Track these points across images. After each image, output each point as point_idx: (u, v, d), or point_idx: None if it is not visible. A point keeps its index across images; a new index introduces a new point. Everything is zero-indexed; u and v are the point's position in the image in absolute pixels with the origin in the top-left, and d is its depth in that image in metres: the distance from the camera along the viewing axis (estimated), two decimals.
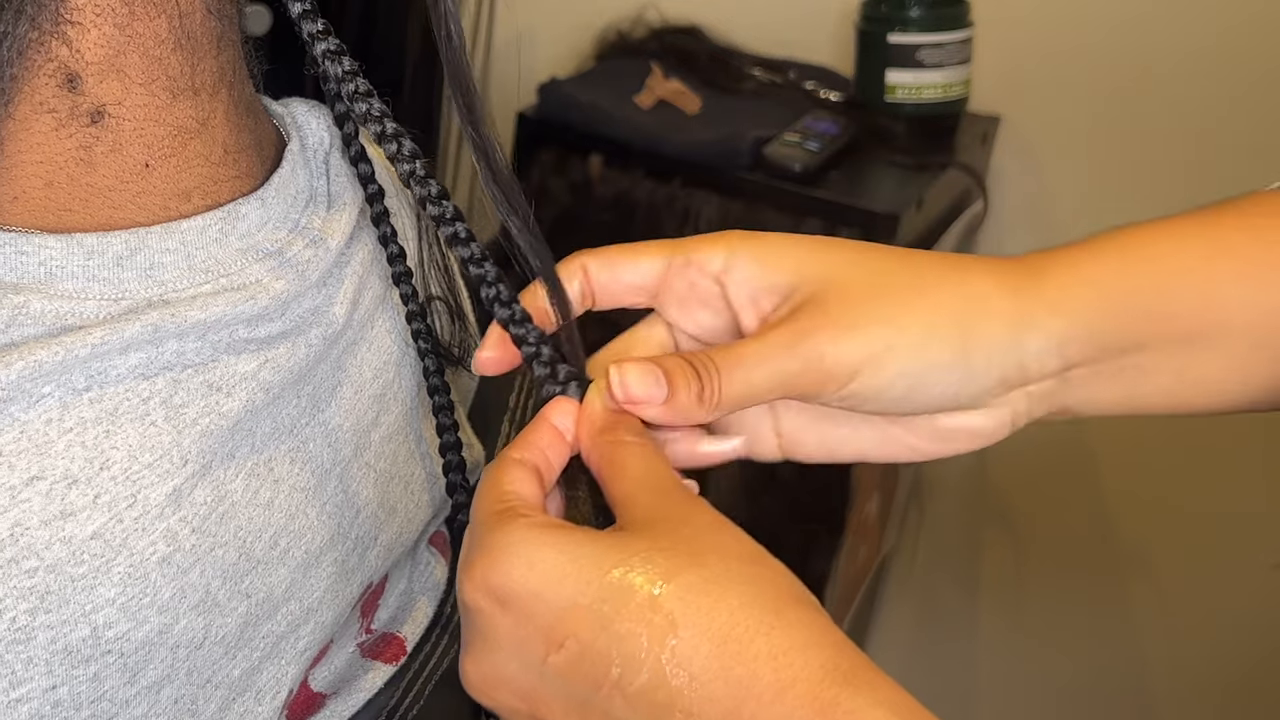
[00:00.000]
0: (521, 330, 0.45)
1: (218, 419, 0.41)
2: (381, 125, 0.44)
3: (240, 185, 0.45)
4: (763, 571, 0.39)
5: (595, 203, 1.27)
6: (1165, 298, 0.47)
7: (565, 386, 0.45)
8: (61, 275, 0.40)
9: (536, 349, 0.45)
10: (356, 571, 0.49)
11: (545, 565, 0.38)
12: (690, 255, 0.47)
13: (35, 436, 0.37)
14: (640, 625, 0.37)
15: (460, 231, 0.45)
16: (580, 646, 0.37)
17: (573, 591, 0.38)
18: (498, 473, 0.42)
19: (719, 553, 0.38)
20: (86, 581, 0.38)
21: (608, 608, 0.37)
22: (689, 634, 0.36)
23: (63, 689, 0.38)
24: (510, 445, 0.44)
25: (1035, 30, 1.33)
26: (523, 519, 0.40)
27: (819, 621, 0.38)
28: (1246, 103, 1.25)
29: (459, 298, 0.58)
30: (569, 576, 0.38)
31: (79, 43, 0.40)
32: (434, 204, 0.45)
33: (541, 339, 0.45)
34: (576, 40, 1.45)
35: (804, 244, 0.47)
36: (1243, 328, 0.47)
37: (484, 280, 0.45)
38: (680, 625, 0.36)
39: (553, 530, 0.39)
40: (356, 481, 0.49)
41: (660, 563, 0.37)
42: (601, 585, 0.37)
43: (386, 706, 0.52)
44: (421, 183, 0.45)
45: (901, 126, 1.29)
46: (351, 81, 0.44)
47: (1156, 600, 1.46)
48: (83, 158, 0.41)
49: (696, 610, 0.37)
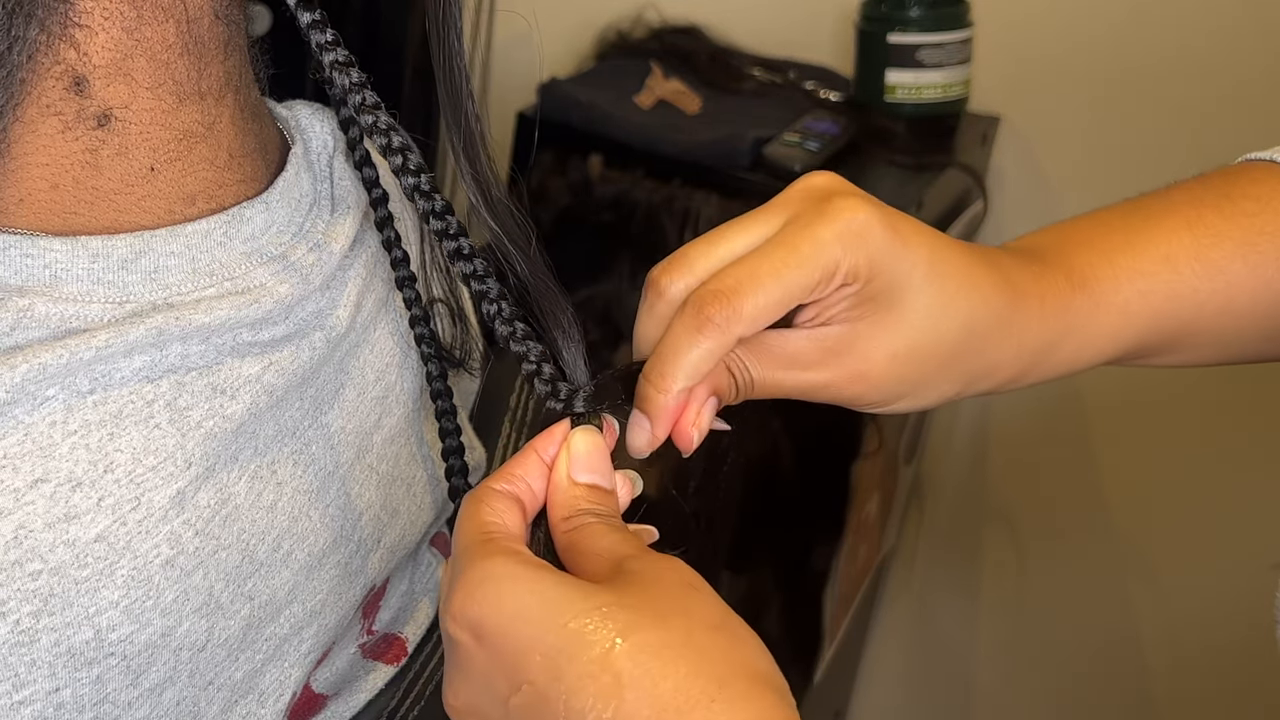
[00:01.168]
0: (523, 347, 0.46)
1: (222, 422, 0.41)
2: (388, 138, 0.45)
3: (244, 189, 0.45)
4: (721, 640, 0.38)
5: (595, 203, 1.27)
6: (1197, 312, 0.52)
7: (566, 404, 0.45)
8: (66, 278, 0.40)
9: (537, 366, 0.45)
10: (359, 573, 0.49)
11: (516, 604, 0.38)
12: (836, 273, 0.46)
13: (39, 439, 0.37)
14: (590, 681, 0.37)
15: (464, 247, 0.45)
16: (535, 693, 0.37)
17: (535, 635, 0.38)
18: (479, 503, 0.42)
19: (684, 615, 0.38)
20: (90, 584, 0.38)
21: (563, 659, 0.37)
22: (633, 697, 0.36)
23: (66, 691, 0.38)
24: (493, 475, 0.44)
25: (1035, 30, 1.33)
26: (500, 554, 0.40)
27: (766, 699, 0.37)
28: (1246, 102, 1.25)
29: (460, 300, 0.58)
30: (534, 620, 0.38)
31: (87, 46, 0.40)
32: (438, 219, 0.45)
33: (542, 357, 0.46)
34: (576, 40, 1.45)
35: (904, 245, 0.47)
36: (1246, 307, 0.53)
37: (485, 296, 0.45)
38: (626, 687, 0.36)
39: (528, 568, 0.39)
40: (359, 484, 0.49)
41: (620, 618, 0.37)
42: (561, 633, 0.37)
43: (387, 707, 0.52)
44: (426, 197, 0.45)
45: (901, 126, 1.28)
46: (359, 93, 0.44)
47: (1156, 600, 1.46)
48: (89, 161, 0.41)
49: (645, 674, 0.36)
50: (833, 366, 0.47)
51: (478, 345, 0.60)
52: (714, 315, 0.44)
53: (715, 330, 0.44)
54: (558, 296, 0.46)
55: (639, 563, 0.40)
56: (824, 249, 0.45)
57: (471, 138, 0.45)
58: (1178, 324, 0.52)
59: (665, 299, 0.46)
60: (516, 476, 0.44)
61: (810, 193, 0.47)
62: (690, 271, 0.46)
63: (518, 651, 0.38)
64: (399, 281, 0.51)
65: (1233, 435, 1.33)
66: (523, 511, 0.43)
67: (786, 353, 0.47)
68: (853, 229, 0.45)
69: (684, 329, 0.44)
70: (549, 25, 0.49)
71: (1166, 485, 1.41)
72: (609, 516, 0.43)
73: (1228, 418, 1.30)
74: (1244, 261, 0.52)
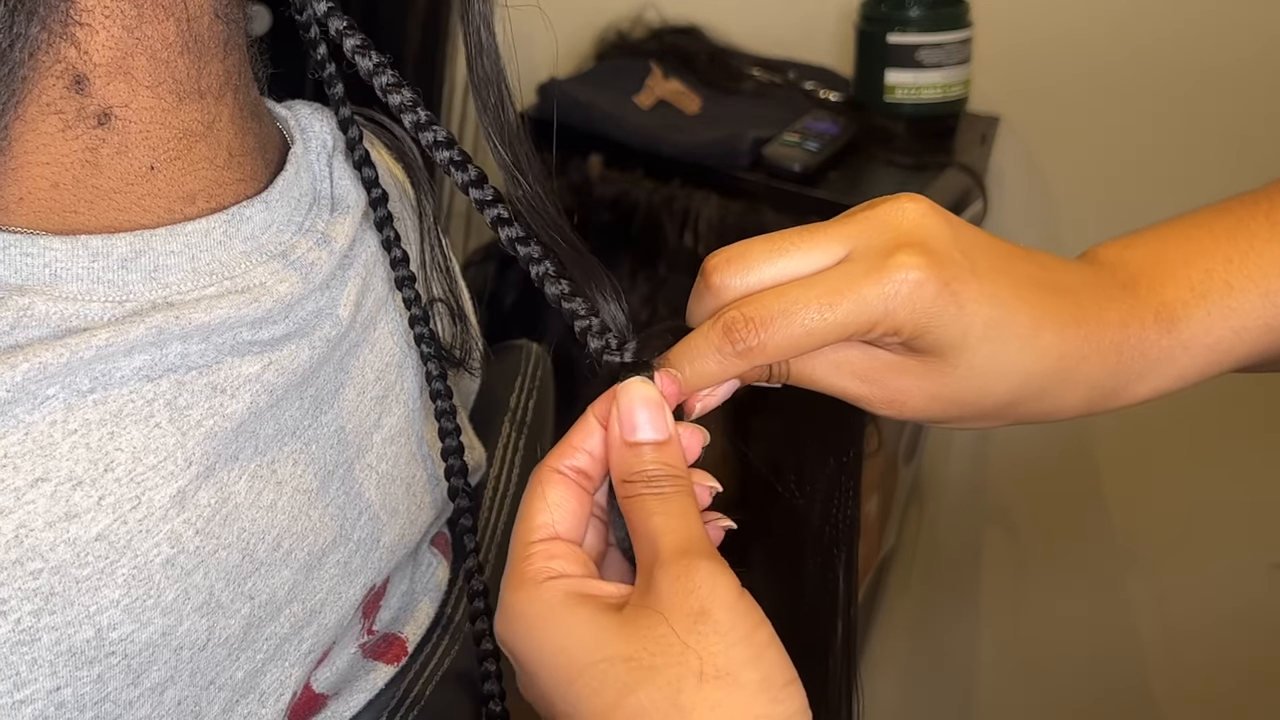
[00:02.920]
0: (574, 304, 0.46)
1: (222, 421, 0.41)
2: (416, 114, 0.46)
3: (244, 188, 0.45)
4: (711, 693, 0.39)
5: (595, 203, 1.26)
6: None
7: (620, 353, 0.46)
8: (66, 277, 0.40)
9: (589, 321, 0.46)
10: (359, 573, 0.49)
11: (537, 645, 0.41)
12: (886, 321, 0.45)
13: (40, 438, 0.37)
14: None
15: (503, 213, 0.46)
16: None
17: (550, 684, 0.41)
18: (538, 496, 0.44)
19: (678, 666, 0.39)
20: (91, 583, 0.38)
21: (574, 712, 0.40)
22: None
23: (67, 690, 0.38)
24: (554, 450, 0.45)
25: (1035, 30, 1.33)
26: (526, 586, 0.42)
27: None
28: (1246, 102, 1.25)
29: (460, 299, 0.58)
30: (549, 668, 0.41)
31: (87, 44, 0.40)
32: (476, 188, 0.46)
33: (592, 311, 0.46)
34: (576, 40, 1.45)
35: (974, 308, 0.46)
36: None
37: (531, 259, 0.46)
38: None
39: (546, 609, 0.41)
40: (359, 483, 0.49)
41: (617, 677, 0.39)
42: (569, 689, 0.40)
43: (387, 707, 0.52)
44: (461, 167, 0.46)
45: (901, 126, 1.28)
46: (383, 74, 0.45)
47: (1156, 600, 1.46)
48: (89, 159, 0.41)
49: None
50: (872, 384, 0.47)
51: (477, 345, 0.60)
52: (738, 341, 0.44)
53: (736, 356, 0.45)
54: (593, 261, 0.46)
55: (661, 577, 0.41)
56: (866, 307, 0.44)
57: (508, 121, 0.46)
58: (1275, 349, 0.50)
59: (714, 293, 0.46)
60: (575, 448, 0.45)
61: (885, 230, 0.45)
62: (746, 272, 0.45)
63: (542, 692, 0.41)
64: (399, 281, 0.51)
65: (1233, 435, 1.33)
66: (582, 490, 0.45)
67: (833, 356, 0.47)
68: (902, 292, 0.44)
69: (707, 342, 0.45)
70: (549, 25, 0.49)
71: (1166, 485, 1.41)
72: (660, 482, 0.43)
73: (1228, 418, 1.30)
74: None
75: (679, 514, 0.43)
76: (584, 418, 0.45)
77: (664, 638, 0.40)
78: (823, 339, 0.45)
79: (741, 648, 0.40)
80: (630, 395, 0.45)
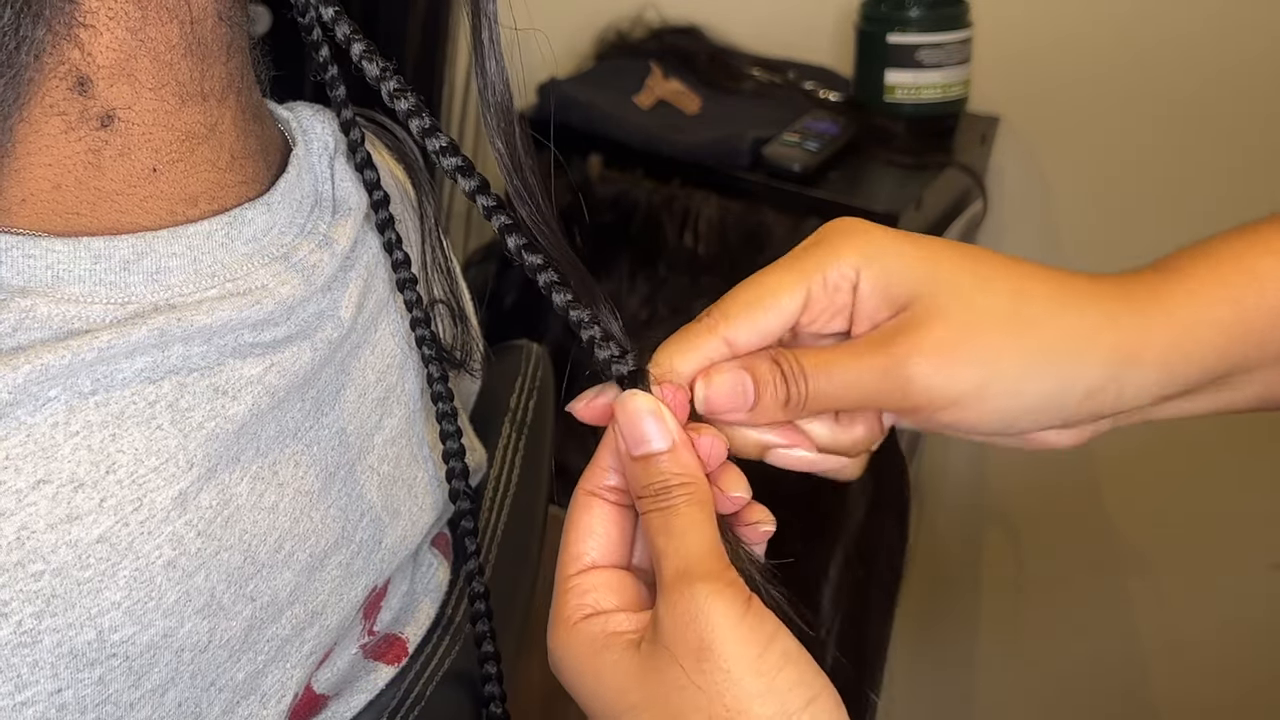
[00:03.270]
0: (582, 313, 0.46)
1: (223, 423, 0.41)
2: (423, 119, 0.45)
3: (246, 190, 0.45)
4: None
5: (595, 203, 1.27)
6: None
7: (622, 360, 0.46)
8: (68, 279, 0.40)
9: (594, 330, 0.46)
10: (361, 574, 0.49)
11: (579, 686, 0.43)
12: (827, 275, 0.47)
13: (41, 440, 0.37)
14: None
15: (508, 219, 0.46)
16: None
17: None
18: (570, 527, 0.45)
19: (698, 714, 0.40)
20: (92, 585, 0.38)
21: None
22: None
23: (68, 692, 0.38)
24: (586, 472, 0.46)
25: (1035, 30, 1.33)
26: (561, 626, 0.43)
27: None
28: (1247, 102, 1.25)
29: (461, 300, 0.58)
30: (593, 710, 0.42)
31: (91, 46, 0.40)
32: (483, 195, 0.46)
33: (595, 319, 0.46)
34: (576, 40, 1.45)
35: (928, 257, 0.47)
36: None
37: (540, 267, 0.46)
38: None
39: (587, 654, 0.43)
40: (360, 485, 0.49)
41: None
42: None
43: (388, 708, 0.52)
44: (467, 175, 0.46)
45: (901, 126, 1.29)
46: (391, 79, 0.45)
47: (1156, 600, 1.46)
48: (91, 161, 0.41)
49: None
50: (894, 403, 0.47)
51: (478, 346, 0.60)
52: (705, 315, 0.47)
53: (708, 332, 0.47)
54: (587, 275, 0.47)
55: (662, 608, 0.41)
56: (805, 255, 0.47)
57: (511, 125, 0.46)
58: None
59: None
60: (604, 468, 0.46)
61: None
62: None
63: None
64: (400, 283, 0.51)
65: (1233, 436, 1.33)
66: (621, 509, 0.46)
67: None
68: (835, 233, 0.47)
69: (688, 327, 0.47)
70: (549, 25, 0.49)
71: (1167, 486, 1.41)
72: (670, 494, 0.43)
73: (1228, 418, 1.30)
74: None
75: (680, 532, 0.43)
76: (607, 434, 0.45)
77: (676, 680, 0.40)
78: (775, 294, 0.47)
79: (749, 681, 0.40)
80: (627, 410, 0.44)
